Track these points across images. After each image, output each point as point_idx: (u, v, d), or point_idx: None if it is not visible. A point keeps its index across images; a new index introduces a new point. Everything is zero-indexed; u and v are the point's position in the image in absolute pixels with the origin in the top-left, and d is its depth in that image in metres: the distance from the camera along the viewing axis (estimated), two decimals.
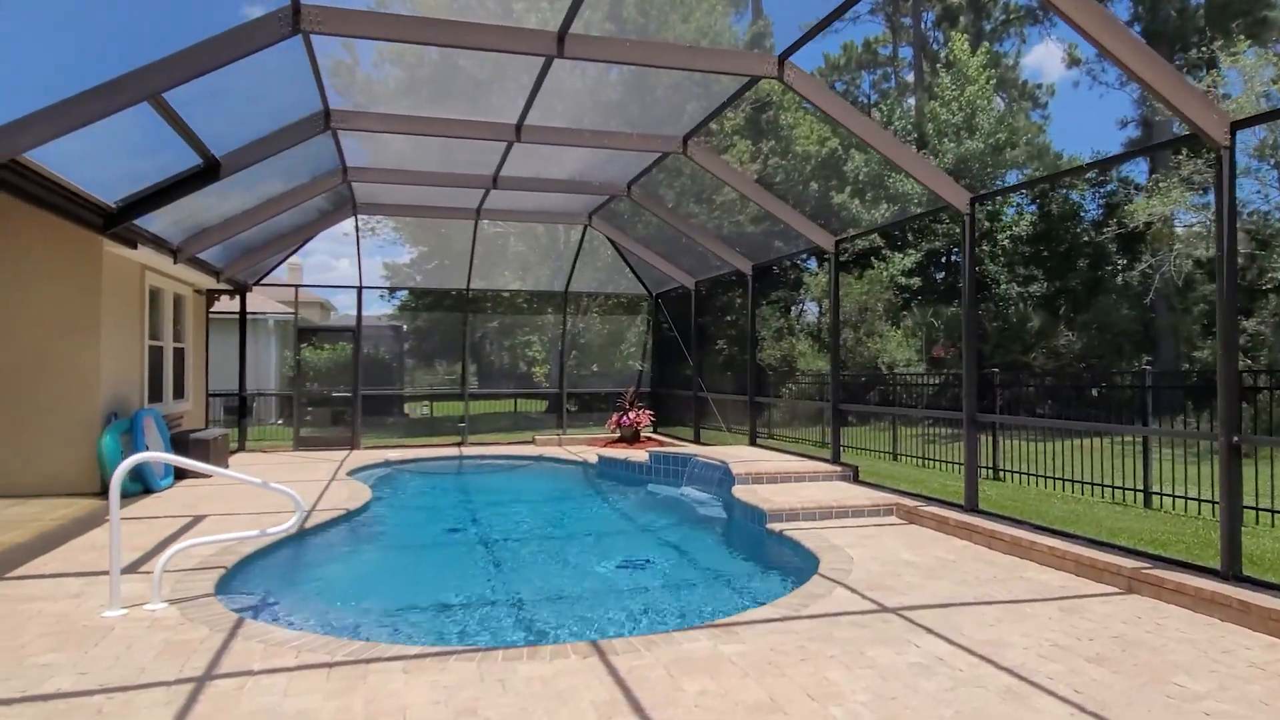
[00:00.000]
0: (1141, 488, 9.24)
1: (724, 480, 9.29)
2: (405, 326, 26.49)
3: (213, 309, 13.84)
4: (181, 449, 10.14)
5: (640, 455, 11.75)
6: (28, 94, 5.18)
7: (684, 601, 5.88)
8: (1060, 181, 22.37)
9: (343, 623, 5.22)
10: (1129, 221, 19.53)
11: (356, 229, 14.25)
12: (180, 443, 10.22)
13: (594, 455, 12.70)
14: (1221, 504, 5.17)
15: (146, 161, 7.40)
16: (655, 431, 15.74)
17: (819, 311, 24.88)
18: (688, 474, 10.49)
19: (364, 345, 20.50)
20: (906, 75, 37.24)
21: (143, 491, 9.10)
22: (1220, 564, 5.08)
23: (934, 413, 14.18)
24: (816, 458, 10.31)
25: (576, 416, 18.48)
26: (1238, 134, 5.06)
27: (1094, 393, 13.71)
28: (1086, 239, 22.27)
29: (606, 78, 12.35)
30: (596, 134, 9.18)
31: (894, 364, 21.42)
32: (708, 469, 10.00)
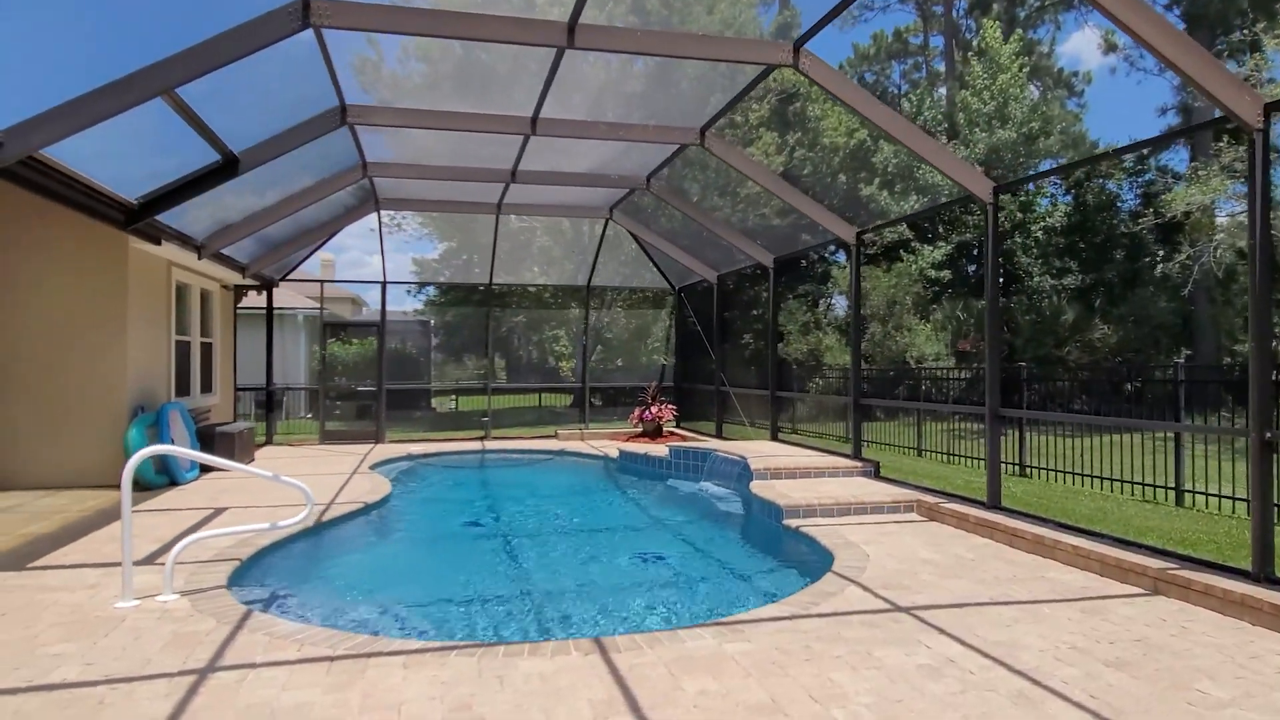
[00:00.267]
0: (1173, 485, 8.97)
1: (742, 475, 9.19)
2: (433, 321, 26.66)
3: (242, 304, 14.06)
4: (207, 442, 10.30)
5: (660, 450, 11.69)
6: (43, 92, 5.25)
7: (693, 598, 5.81)
8: (1096, 171, 21.77)
9: (352, 616, 5.24)
10: (1166, 211, 18.95)
11: (379, 224, 14.35)
12: (206, 436, 10.37)
13: (615, 450, 12.66)
14: (1253, 503, 4.97)
15: (166, 158, 7.50)
16: (678, 426, 15.67)
17: (847, 305, 24.57)
18: (707, 469, 10.41)
19: (392, 340, 20.72)
20: (938, 65, 36.63)
21: (169, 484, 9.25)
22: (1251, 565, 4.88)
23: (956, 408, 13.90)
24: (837, 453, 10.16)
25: (601, 411, 18.47)
26: (1273, 117, 4.84)
27: (1129, 387, 13.36)
28: (1123, 230, 21.66)
29: (630, 70, 12.26)
30: (612, 126, 9.10)
31: (922, 358, 21.07)
32: (726, 464, 9.91)
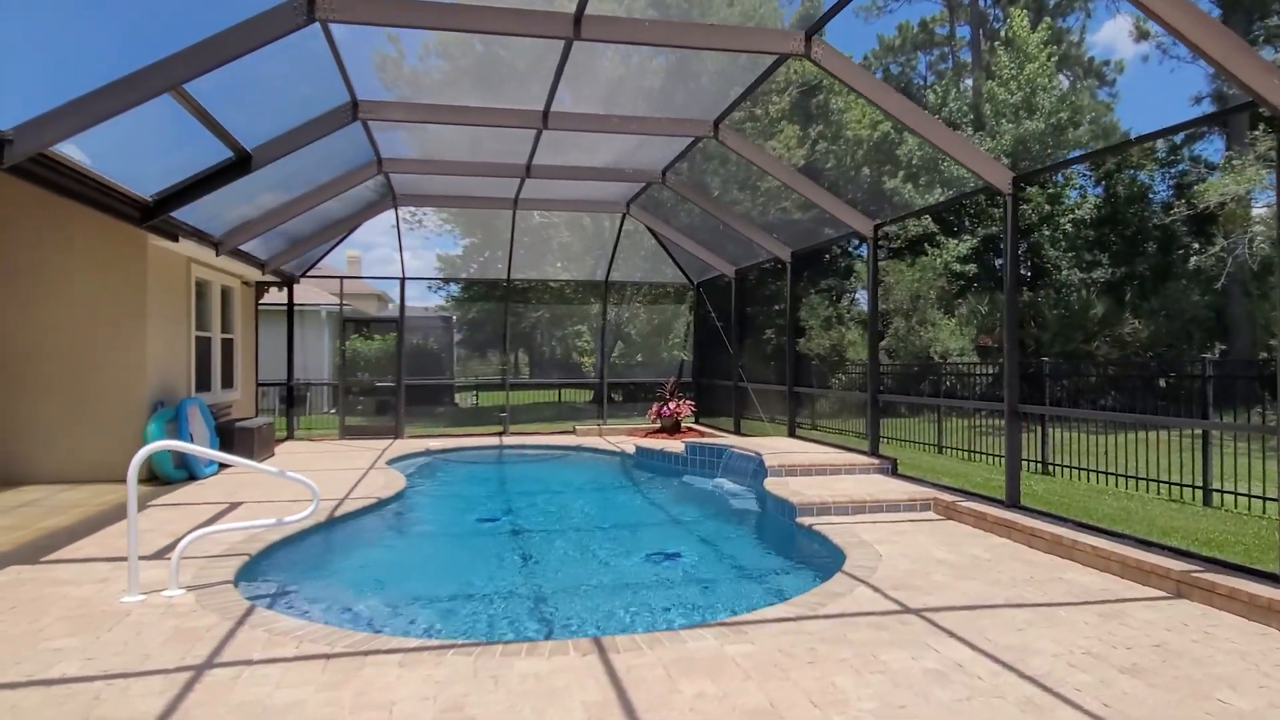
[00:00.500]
0: (1200, 484, 8.71)
1: (758, 472, 9.08)
2: (455, 317, 26.76)
3: (265, 300, 14.18)
4: (227, 437, 10.40)
5: (676, 446, 11.61)
6: (51, 90, 5.29)
7: (699, 597, 5.72)
8: (1127, 161, 21.25)
9: (356, 612, 5.23)
10: (1199, 202, 18.45)
11: (397, 220, 14.40)
12: (225, 431, 10.47)
13: (632, 446, 12.60)
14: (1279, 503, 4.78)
15: (180, 156, 7.55)
16: (696, 422, 15.57)
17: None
18: (722, 465, 10.31)
19: (414, 336, 20.83)
20: (964, 55, 36.04)
21: (188, 479, 9.35)
22: (1278, 568, 4.70)
23: (975, 404, 13.63)
24: (854, 450, 10.01)
25: (620, 406, 18.39)
26: None
27: (1161, 383, 13.01)
28: (1155, 222, 21.13)
29: (649, 66, 12.16)
30: (625, 119, 9.00)
31: (946, 353, 20.74)
32: (742, 460, 9.80)
